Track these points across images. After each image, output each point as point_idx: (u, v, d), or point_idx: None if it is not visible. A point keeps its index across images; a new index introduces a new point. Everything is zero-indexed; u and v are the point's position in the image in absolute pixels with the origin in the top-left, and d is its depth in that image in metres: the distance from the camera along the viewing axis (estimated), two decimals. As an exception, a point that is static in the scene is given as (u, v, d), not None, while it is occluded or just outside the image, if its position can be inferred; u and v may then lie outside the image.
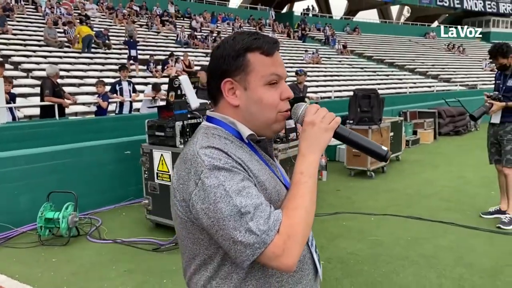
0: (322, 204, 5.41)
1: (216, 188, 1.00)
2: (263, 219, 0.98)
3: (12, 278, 3.52)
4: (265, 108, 1.12)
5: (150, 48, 18.18)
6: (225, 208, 0.98)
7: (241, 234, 0.98)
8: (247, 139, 1.13)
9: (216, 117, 1.17)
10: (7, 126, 7.31)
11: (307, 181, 1.07)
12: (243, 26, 26.98)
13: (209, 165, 1.02)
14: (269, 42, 1.13)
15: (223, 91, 1.13)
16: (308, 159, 1.09)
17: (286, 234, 0.99)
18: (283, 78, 1.15)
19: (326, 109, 1.15)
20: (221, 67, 1.13)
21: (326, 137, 1.12)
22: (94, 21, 19.80)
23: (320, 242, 4.20)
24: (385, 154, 1.15)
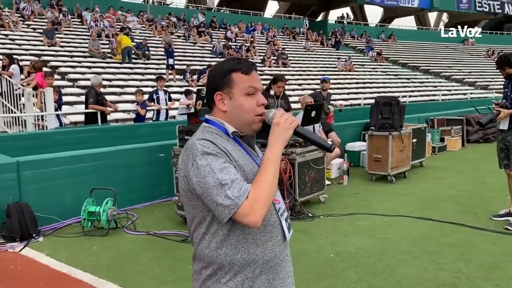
0: (339, 205, 5.76)
1: (205, 167, 1.44)
2: (237, 189, 1.41)
3: (60, 261, 4.09)
4: (245, 112, 1.56)
5: (187, 59, 18.98)
6: (210, 180, 1.42)
7: (221, 198, 1.41)
8: (232, 134, 1.57)
9: (211, 119, 1.61)
10: (56, 131, 8.07)
11: (270, 165, 1.49)
12: (277, 35, 27.50)
13: (201, 151, 1.46)
14: (247, 65, 1.57)
15: (215, 101, 1.58)
16: (273, 149, 1.52)
17: (253, 199, 1.41)
18: (259, 90, 1.59)
19: (289, 114, 1.57)
20: (214, 84, 1.58)
21: (287, 134, 1.54)
22: (134, 32, 20.86)
23: (332, 238, 4.56)
24: (329, 147, 1.57)
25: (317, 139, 1.60)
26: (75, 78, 14.32)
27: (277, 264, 1.60)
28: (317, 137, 1.61)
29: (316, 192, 5.78)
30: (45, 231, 4.84)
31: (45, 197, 4.96)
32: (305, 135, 1.59)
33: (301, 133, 1.58)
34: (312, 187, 5.70)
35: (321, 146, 1.61)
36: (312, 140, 1.60)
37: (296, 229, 4.80)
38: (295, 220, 5.13)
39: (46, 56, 15.59)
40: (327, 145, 1.58)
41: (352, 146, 8.58)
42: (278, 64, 21.26)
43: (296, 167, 5.39)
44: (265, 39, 26.20)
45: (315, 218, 5.26)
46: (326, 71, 22.34)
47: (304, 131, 1.59)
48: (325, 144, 1.59)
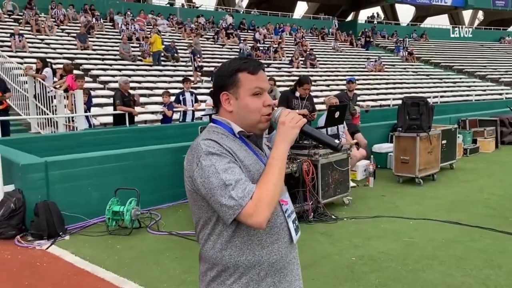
0: (363, 208, 5.65)
1: (209, 167, 1.43)
2: (241, 189, 1.40)
3: (84, 259, 4.17)
4: (251, 112, 1.54)
5: (215, 60, 19.12)
6: (214, 181, 1.41)
7: (225, 199, 1.39)
8: (238, 134, 1.55)
9: (218, 119, 1.60)
10: (85, 132, 8.28)
11: (276, 164, 1.46)
12: (305, 36, 27.35)
13: (206, 151, 1.45)
14: (254, 64, 1.55)
15: (222, 101, 1.57)
16: (279, 148, 1.49)
17: (257, 199, 1.39)
18: (265, 90, 1.56)
19: (295, 113, 1.54)
20: (220, 83, 1.57)
21: (293, 133, 1.51)
22: (164, 35, 21.19)
23: (355, 241, 4.48)
24: (336, 146, 1.54)
25: (324, 138, 1.57)
26: (106, 81, 14.66)
27: (283, 267, 1.57)
28: (324, 136, 1.58)
29: (340, 194, 5.69)
30: (72, 229, 4.96)
31: (72, 196, 5.08)
32: (312, 134, 1.56)
33: (308, 133, 1.55)
34: (336, 189, 5.62)
35: (328, 145, 1.57)
36: (319, 139, 1.57)
37: (318, 232, 4.76)
38: (318, 222, 5.07)
39: (78, 59, 16.05)
40: (334, 144, 1.55)
41: (379, 148, 8.42)
42: (306, 65, 21.15)
43: (319, 168, 5.32)
44: (293, 40, 26.12)
45: (338, 220, 5.18)
46: (355, 71, 22.06)
47: (311, 130, 1.56)
48: (332, 143, 1.56)
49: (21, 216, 4.74)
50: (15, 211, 4.69)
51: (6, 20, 18.86)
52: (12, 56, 14.13)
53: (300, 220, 5.08)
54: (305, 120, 1.54)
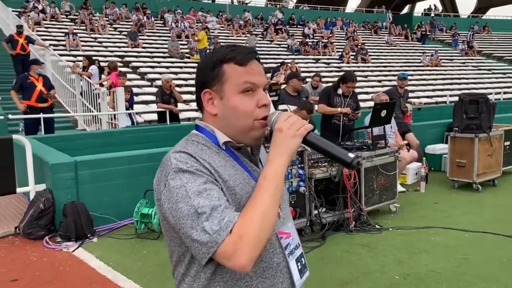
0: (412, 216, 5.12)
1: (179, 189, 1.09)
2: (218, 220, 1.04)
3: (107, 265, 3.99)
4: (240, 115, 1.18)
5: (263, 57, 18.80)
6: (184, 207, 1.07)
7: (197, 233, 1.05)
8: (224, 145, 1.20)
9: (201, 125, 1.26)
10: (127, 130, 8.25)
11: (268, 185, 1.10)
12: (357, 30, 26.43)
13: (175, 168, 1.11)
14: (243, 52, 1.19)
15: (203, 101, 1.22)
16: (273, 164, 1.13)
17: (238, 235, 1.03)
18: (259, 86, 1.20)
19: (297, 117, 1.17)
20: (201, 78, 1.22)
21: (293, 143, 1.14)
22: (213, 32, 21.15)
23: (400, 256, 3.99)
24: (350, 161, 1.14)
25: (334, 151, 1.16)
26: (153, 78, 14.76)
27: (281, 320, 1.20)
28: (334, 149, 1.17)
29: (385, 201, 5.19)
30: (101, 231, 4.82)
31: (102, 197, 4.94)
32: (318, 145, 1.17)
33: (313, 143, 1.17)
34: (381, 195, 5.12)
35: (339, 160, 1.17)
36: (327, 152, 1.17)
37: (359, 243, 4.32)
38: (359, 232, 4.62)
39: (128, 57, 16.30)
40: (347, 159, 1.14)
41: (433, 149, 7.75)
42: (357, 60, 20.35)
43: (362, 172, 4.86)
44: (344, 34, 25.30)
45: (382, 230, 4.69)
46: (409, 66, 20.99)
47: (317, 140, 1.17)
48: (345, 159, 1.15)
49: (50, 217, 4.65)
50: (44, 211, 4.61)
51: (63, 20, 19.53)
52: (66, 54, 14.58)
53: (340, 229, 4.66)
54: (310, 126, 1.16)
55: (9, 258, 4.17)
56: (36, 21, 17.29)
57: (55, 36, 16.76)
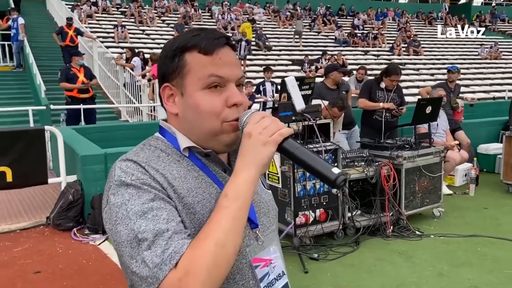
0: (458, 223, 4.69)
1: (119, 208, 0.88)
2: (161, 250, 0.83)
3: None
4: (204, 116, 0.95)
5: (308, 48, 18.39)
6: (123, 231, 0.86)
7: (136, 264, 0.84)
8: (186, 151, 0.98)
9: (163, 127, 1.04)
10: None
11: (229, 206, 0.87)
12: (410, 21, 25.29)
13: (118, 181, 0.91)
14: (209, 38, 0.95)
15: (163, 98, 1.01)
16: (238, 178, 0.89)
17: (184, 270, 0.81)
18: (229, 80, 0.96)
19: (273, 118, 0.92)
20: (160, 70, 1.00)
21: (264, 152, 0.89)
22: (259, 24, 20.93)
23: (440, 267, 3.63)
24: (334, 179, 0.87)
25: (315, 164, 0.91)
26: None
27: None
28: (315, 160, 0.91)
29: (428, 205, 4.78)
30: (129, 225, 4.76)
31: (131, 190, 4.88)
32: (296, 155, 0.91)
33: (290, 152, 0.92)
34: (424, 198, 4.72)
35: (320, 176, 0.90)
36: (306, 164, 0.91)
37: (396, 251, 3.98)
38: (397, 238, 4.27)
39: (174, 49, 16.40)
40: (330, 175, 0.88)
41: (486, 149, 7.15)
42: (408, 52, 19.44)
43: (403, 174, 4.49)
44: (396, 26, 24.29)
45: (423, 237, 4.31)
46: (465, 59, 19.82)
47: (296, 149, 0.91)
48: (328, 175, 0.89)
49: (79, 208, 4.64)
50: (73, 203, 4.61)
51: (113, 13, 20.00)
52: (114, 46, 14.87)
53: (375, 234, 4.33)
54: (287, 131, 0.91)
55: (37, 248, 4.19)
56: (88, 14, 17.78)
57: (105, 28, 17.15)
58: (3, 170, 4.54)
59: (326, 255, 3.87)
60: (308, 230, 4.01)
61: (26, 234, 4.56)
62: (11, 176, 4.61)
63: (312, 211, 4.05)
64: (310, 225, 4.04)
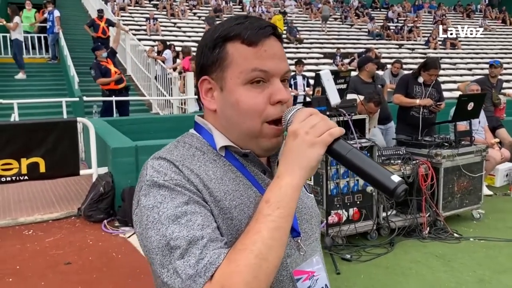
0: (499, 226, 4.46)
1: (150, 211, 0.80)
2: (195, 259, 0.74)
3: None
4: (244, 114, 0.86)
5: (341, 41, 18.06)
6: (154, 237, 0.78)
7: (168, 274, 0.76)
8: (222, 150, 0.89)
9: (199, 123, 0.95)
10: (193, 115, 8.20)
11: (271, 214, 0.77)
12: (447, 14, 24.48)
13: (150, 181, 0.82)
14: (253, 27, 0.85)
15: (200, 92, 0.91)
16: (281, 182, 0.79)
17: (220, 285, 0.72)
18: (274, 75, 0.86)
19: (322, 116, 0.81)
20: (199, 61, 0.91)
21: (311, 154, 0.79)
22: (291, 17, 20.69)
23: (481, 273, 3.44)
24: (393, 188, 0.76)
25: (371, 170, 0.79)
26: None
27: None
28: (372, 167, 0.80)
29: (467, 206, 4.56)
30: (158, 218, 4.75)
31: (161, 183, 4.86)
32: (348, 159, 0.81)
33: (341, 155, 0.81)
34: (463, 199, 4.51)
35: (376, 184, 0.79)
36: (361, 170, 0.80)
37: (433, 253, 3.81)
38: (434, 240, 4.08)
39: (207, 42, 16.40)
40: (389, 184, 0.77)
41: (530, 148, 6.79)
42: (445, 46, 18.83)
43: (441, 173, 4.28)
44: (432, 18, 23.56)
45: (461, 240, 4.11)
46: (506, 53, 19.02)
47: (348, 151, 0.81)
48: (386, 183, 0.77)
49: (109, 201, 4.65)
50: (104, 194, 4.62)
51: (146, 5, 20.17)
52: (146, 39, 14.99)
53: (411, 235, 4.16)
54: (338, 130, 0.80)
55: (68, 240, 4.22)
56: (121, 7, 18.00)
57: (137, 21, 17.32)
58: (36, 161, 4.60)
59: (359, 256, 3.74)
60: (341, 230, 3.88)
61: (58, 224, 4.61)
62: (44, 167, 4.66)
63: (345, 210, 3.91)
64: (343, 225, 3.91)
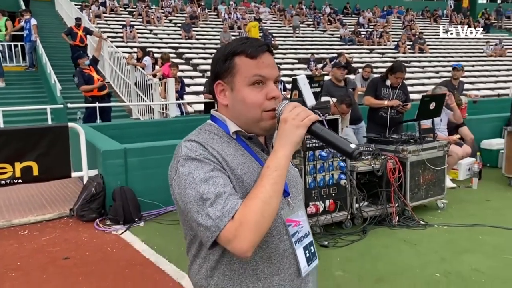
0: (461, 214, 4.92)
1: (187, 176, 1.14)
2: (221, 206, 1.09)
3: (151, 248, 4.17)
4: (249, 107, 1.21)
5: (314, 47, 18.62)
6: (191, 193, 1.13)
7: (202, 217, 1.10)
8: (234, 134, 1.24)
9: (215, 115, 1.31)
10: (176, 119, 8.51)
11: (270, 174, 1.13)
12: (416, 19, 25.43)
13: (185, 155, 1.17)
14: (254, 46, 1.21)
15: (216, 92, 1.26)
16: (277, 154, 1.15)
17: (239, 221, 1.08)
18: (269, 79, 1.22)
19: (303, 108, 1.18)
20: (214, 70, 1.26)
21: (297, 133, 1.16)
22: (265, 23, 21.17)
23: (443, 254, 3.86)
24: (351, 152, 1.15)
25: (336, 142, 1.19)
26: (205, 69, 15.02)
27: (286, 305, 1.23)
28: (337, 139, 1.19)
29: (432, 197, 5.01)
30: (147, 216, 5.03)
31: (149, 183, 5.14)
32: (322, 135, 1.19)
33: (317, 133, 1.19)
34: (428, 190, 4.95)
35: (341, 151, 1.19)
36: (329, 142, 1.19)
37: (401, 239, 4.23)
38: (402, 228, 4.50)
39: (182, 48, 16.68)
40: (348, 149, 1.16)
41: (489, 144, 7.35)
42: (414, 50, 19.64)
43: (408, 167, 4.72)
44: (401, 23, 24.45)
45: (427, 227, 4.55)
46: (471, 56, 19.98)
47: (321, 130, 1.18)
48: (346, 149, 1.17)
49: (101, 201, 4.91)
50: (95, 195, 4.87)
51: (121, 13, 20.31)
52: (123, 46, 15.16)
53: (382, 223, 4.57)
54: (314, 117, 1.17)
55: (63, 238, 4.46)
56: (96, 14, 18.10)
57: (113, 28, 17.46)
58: (30, 165, 4.83)
59: (335, 243, 4.12)
60: (319, 220, 4.25)
61: (52, 224, 4.84)
62: (37, 170, 4.89)
63: (322, 202, 4.29)
64: (320, 215, 4.28)
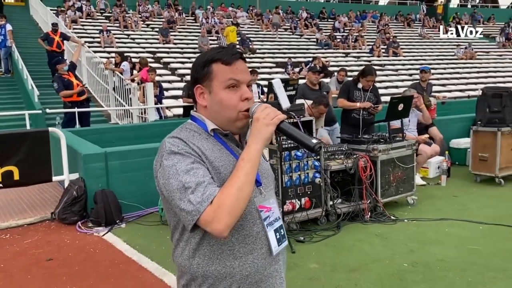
0: (429, 209, 5.19)
1: (170, 168, 1.31)
2: (201, 193, 1.26)
3: (133, 248, 4.29)
4: (225, 108, 1.39)
5: (291, 51, 18.91)
6: (174, 183, 1.29)
7: (184, 203, 1.27)
8: (212, 131, 1.41)
9: (194, 115, 1.48)
10: (155, 123, 8.61)
11: (245, 165, 1.31)
12: (390, 23, 26.06)
13: (168, 150, 1.34)
14: (229, 54, 1.39)
15: (195, 95, 1.44)
16: (250, 148, 1.33)
17: (217, 205, 1.25)
18: (242, 82, 1.41)
19: (273, 108, 1.37)
20: (194, 75, 1.44)
21: (267, 130, 1.34)
22: (243, 27, 21.37)
23: (411, 245, 4.11)
24: (313, 146, 1.34)
25: (300, 137, 1.38)
26: (183, 73, 15.12)
27: (260, 280, 1.41)
28: (300, 135, 1.38)
29: (402, 193, 5.28)
30: (129, 218, 5.14)
31: (130, 185, 5.26)
32: (288, 132, 1.38)
33: (284, 130, 1.38)
34: (398, 187, 5.22)
35: (304, 145, 1.38)
36: (294, 137, 1.38)
37: (373, 233, 4.46)
38: (374, 223, 4.74)
39: (160, 53, 16.73)
40: (310, 144, 1.35)
41: (458, 143, 7.71)
42: (388, 54, 20.14)
43: (378, 165, 4.97)
44: (376, 28, 25.02)
45: (397, 221, 4.80)
46: (442, 59, 20.61)
47: (288, 128, 1.38)
48: (308, 143, 1.36)
49: (82, 203, 5.00)
50: (77, 198, 4.96)
51: (98, 17, 20.19)
52: (101, 51, 15.13)
53: (355, 219, 4.81)
54: (282, 116, 1.36)
55: (45, 240, 4.54)
56: (72, 19, 17.98)
57: (90, 33, 17.38)
58: (11, 169, 4.89)
59: (311, 238, 4.33)
60: (295, 217, 4.45)
61: (34, 228, 4.91)
62: (18, 174, 4.96)
63: (298, 200, 4.49)
64: (296, 212, 4.49)
